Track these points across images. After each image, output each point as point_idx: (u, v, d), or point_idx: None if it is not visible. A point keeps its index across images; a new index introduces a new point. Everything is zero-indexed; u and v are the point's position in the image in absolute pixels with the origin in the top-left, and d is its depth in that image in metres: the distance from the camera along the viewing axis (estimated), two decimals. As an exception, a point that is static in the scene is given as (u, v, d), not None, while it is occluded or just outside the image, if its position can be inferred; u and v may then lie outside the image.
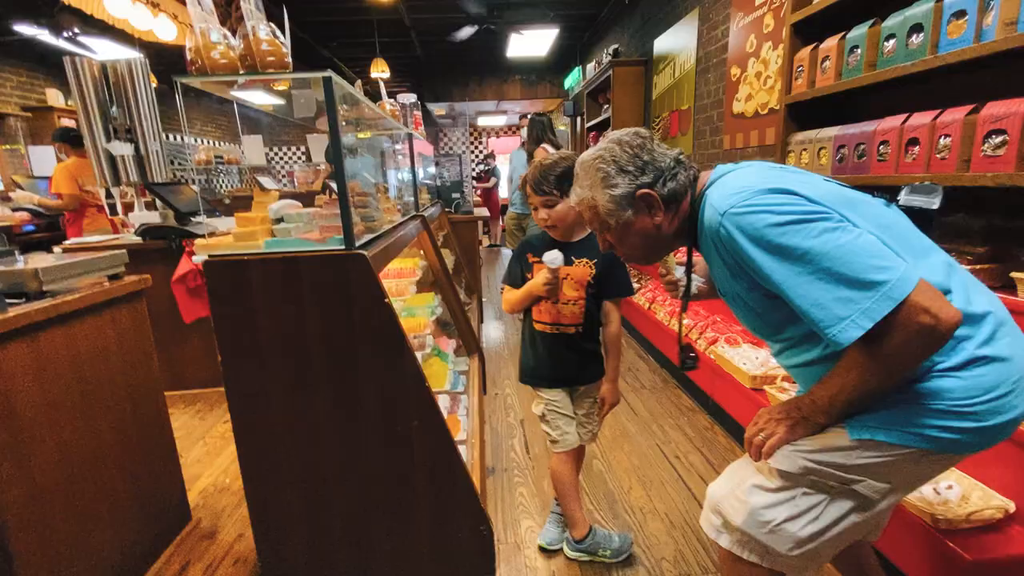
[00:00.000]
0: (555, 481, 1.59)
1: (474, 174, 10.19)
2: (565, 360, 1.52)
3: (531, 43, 6.85)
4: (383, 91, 2.18)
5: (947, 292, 0.80)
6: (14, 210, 3.68)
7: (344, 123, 1.12)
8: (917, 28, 1.62)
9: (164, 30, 2.85)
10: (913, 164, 1.64)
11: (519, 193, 4.38)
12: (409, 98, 2.77)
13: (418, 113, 2.91)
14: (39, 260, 1.47)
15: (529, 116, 4.06)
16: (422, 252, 2.32)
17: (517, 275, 1.52)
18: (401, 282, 1.87)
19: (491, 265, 7.01)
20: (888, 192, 1.08)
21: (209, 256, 1.06)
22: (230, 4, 3.42)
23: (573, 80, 7.85)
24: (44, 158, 4.61)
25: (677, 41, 4.15)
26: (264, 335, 1.15)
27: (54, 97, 5.94)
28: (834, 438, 0.86)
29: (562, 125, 10.06)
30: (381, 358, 1.16)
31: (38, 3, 4.31)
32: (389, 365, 1.17)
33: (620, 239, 1.01)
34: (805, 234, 0.76)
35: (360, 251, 1.08)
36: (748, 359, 2.19)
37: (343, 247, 1.09)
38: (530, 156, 4.11)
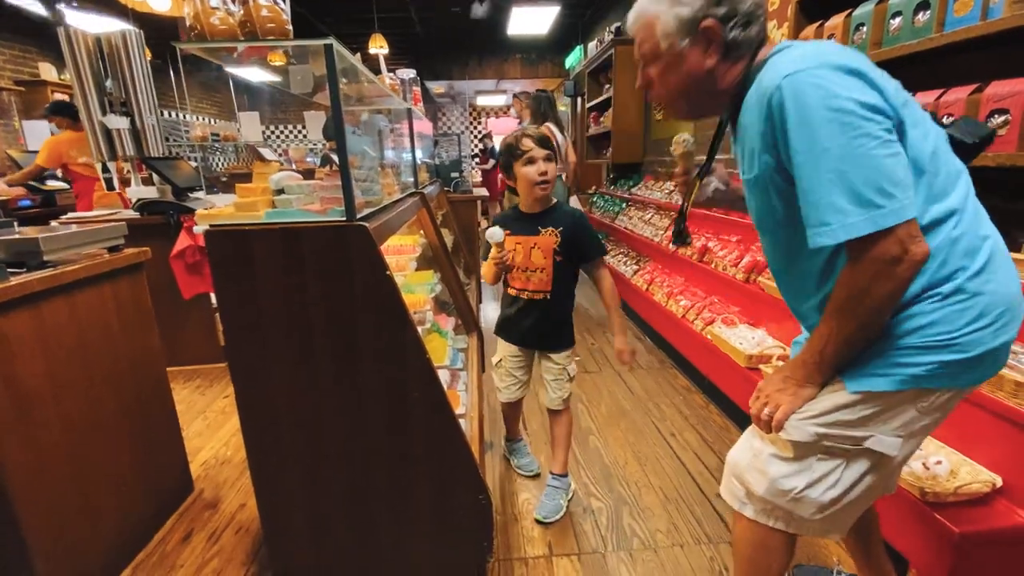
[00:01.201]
0: (503, 415, 1.95)
1: (473, 152, 10.11)
2: (529, 325, 1.67)
3: (532, 20, 6.74)
4: (383, 66, 2.15)
5: (954, 215, 0.82)
6: (10, 185, 3.65)
7: (344, 96, 1.12)
8: (924, 6, 1.60)
9: (159, 1, 2.79)
10: (915, 144, 1.63)
11: None
12: (408, 73, 2.73)
13: (417, 89, 2.88)
14: (39, 231, 1.47)
15: (533, 93, 3.99)
16: (421, 230, 2.32)
17: (487, 250, 1.62)
18: (401, 258, 1.87)
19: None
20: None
21: (210, 226, 1.06)
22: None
23: (574, 60, 7.74)
24: (38, 132, 4.55)
25: (681, 19, 4.08)
26: (266, 306, 1.15)
27: (47, 71, 5.84)
28: (836, 396, 0.87)
29: (562, 106, 9.96)
30: (383, 330, 1.17)
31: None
32: (391, 337, 1.18)
33: (662, 74, 0.94)
34: (847, 129, 0.74)
35: (361, 223, 1.09)
36: (744, 339, 2.22)
37: (344, 219, 1.09)
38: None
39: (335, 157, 1.12)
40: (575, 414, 2.31)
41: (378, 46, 5.15)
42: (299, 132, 10.12)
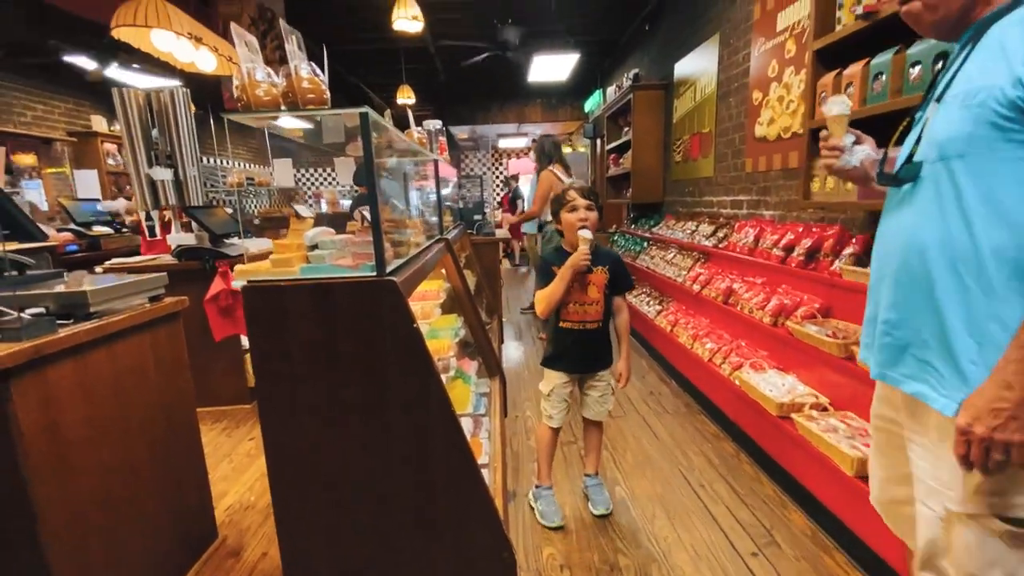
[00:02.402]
0: (538, 442, 2.02)
1: (498, 199, 10.31)
2: (587, 351, 1.89)
3: (552, 67, 6.98)
4: (411, 119, 2.25)
5: None
6: (59, 231, 3.87)
7: (376, 149, 1.17)
8: (943, 56, 1.61)
9: (205, 62, 3.01)
10: (943, 190, 1.61)
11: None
12: (435, 124, 2.85)
13: (443, 139, 2.99)
14: (85, 281, 1.55)
15: (537, 137, 4.16)
16: (446, 274, 2.36)
17: (547, 282, 1.83)
18: (426, 305, 1.91)
19: (512, 286, 7.04)
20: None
21: (248, 282, 1.10)
22: (266, 36, 3.59)
23: (593, 103, 7.95)
24: (88, 181, 4.84)
25: (698, 65, 4.19)
26: (297, 357, 1.18)
27: (98, 123, 6.26)
28: None
29: (582, 147, 10.17)
30: (409, 383, 1.19)
31: (88, 36, 4.59)
32: (416, 390, 1.19)
33: None
34: None
35: (390, 278, 1.12)
36: (774, 385, 2.16)
37: (374, 274, 1.13)
38: (537, 175, 4.21)
39: (367, 213, 1.16)
40: (601, 461, 2.26)
41: (405, 96, 5.40)
42: (330, 175, 10.53)
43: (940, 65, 0.98)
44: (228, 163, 8.51)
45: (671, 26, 4.84)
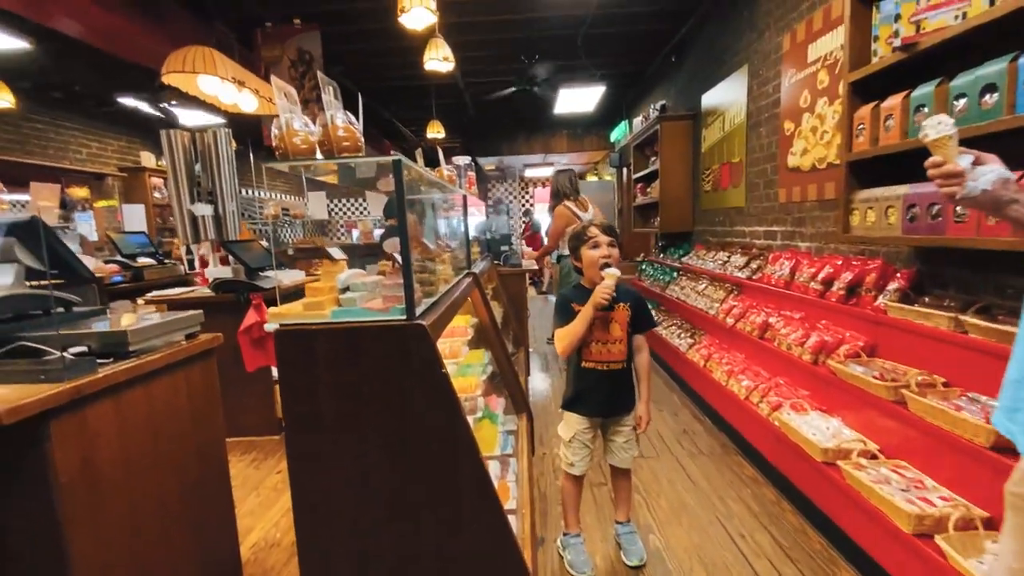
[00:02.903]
0: (564, 494, 1.92)
1: (520, 230, 10.40)
2: (610, 393, 1.81)
3: (578, 99, 7.08)
4: (440, 157, 2.29)
5: None
6: (106, 262, 4.05)
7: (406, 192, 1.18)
8: (990, 88, 1.55)
9: (247, 103, 3.15)
10: (997, 227, 1.53)
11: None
12: (464, 160, 2.89)
13: (472, 173, 3.03)
14: (125, 319, 1.59)
15: (553, 172, 4.21)
16: (473, 308, 2.35)
17: (567, 321, 1.77)
18: (454, 343, 1.90)
19: (539, 314, 6.99)
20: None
21: (280, 325, 1.11)
22: (304, 77, 3.74)
23: (620, 133, 8.00)
24: (135, 215, 5.09)
25: (726, 96, 4.18)
26: (326, 401, 1.18)
27: (147, 159, 6.63)
28: None
29: (608, 175, 10.21)
30: (436, 429, 1.16)
31: (141, 80, 4.90)
32: (444, 436, 1.16)
33: None
34: None
35: (419, 322, 1.11)
36: (818, 429, 2.04)
37: (404, 318, 1.12)
38: (551, 211, 4.22)
39: (398, 256, 1.16)
40: (633, 506, 2.17)
41: (435, 131, 5.55)
42: (362, 206, 10.82)
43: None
44: (265, 194, 8.86)
45: (697, 58, 4.86)
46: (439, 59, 2.85)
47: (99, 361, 1.30)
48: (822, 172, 2.88)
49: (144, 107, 5.64)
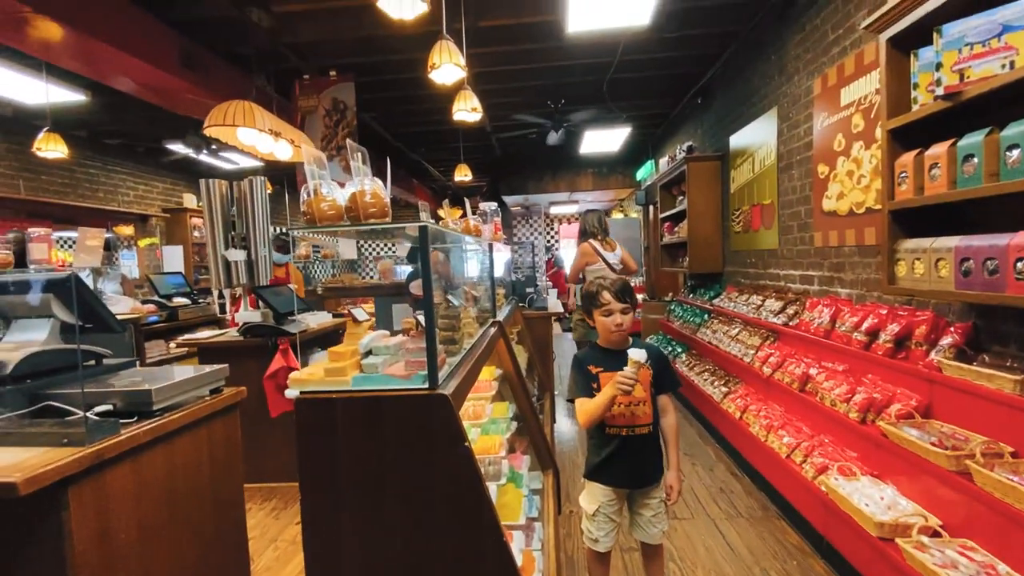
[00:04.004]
0: (589, 570, 1.76)
1: (543, 267, 10.41)
2: (637, 461, 1.66)
3: (604, 140, 7.15)
4: (468, 209, 2.29)
5: None
6: (144, 302, 4.18)
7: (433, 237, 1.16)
8: (1048, 138, 1.46)
9: (282, 152, 3.27)
10: (1066, 287, 1.41)
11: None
12: (490, 206, 2.91)
13: (498, 219, 3.04)
14: (147, 377, 1.59)
15: (582, 211, 4.22)
16: (498, 357, 2.30)
17: (586, 386, 1.64)
18: (478, 403, 1.84)
19: (565, 352, 6.86)
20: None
21: (300, 393, 1.08)
22: (338, 125, 3.86)
23: (646, 172, 8.00)
24: (174, 256, 5.28)
25: (755, 137, 4.14)
26: (345, 471, 1.13)
27: (188, 200, 6.95)
28: None
29: (634, 213, 10.17)
30: (457, 504, 1.10)
31: (186, 127, 5.19)
32: (465, 512, 1.10)
33: None
34: None
35: (442, 392, 1.06)
36: (870, 499, 1.88)
37: (426, 387, 1.08)
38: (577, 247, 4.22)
39: (421, 318, 1.13)
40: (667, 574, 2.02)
41: (463, 174, 5.66)
42: (389, 247, 11.05)
43: None
44: (297, 233, 9.15)
45: (724, 100, 4.85)
46: (467, 110, 2.91)
47: (122, 421, 1.30)
48: (861, 217, 2.77)
49: (187, 151, 5.95)
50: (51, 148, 3.69)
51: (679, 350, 4.74)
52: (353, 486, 1.13)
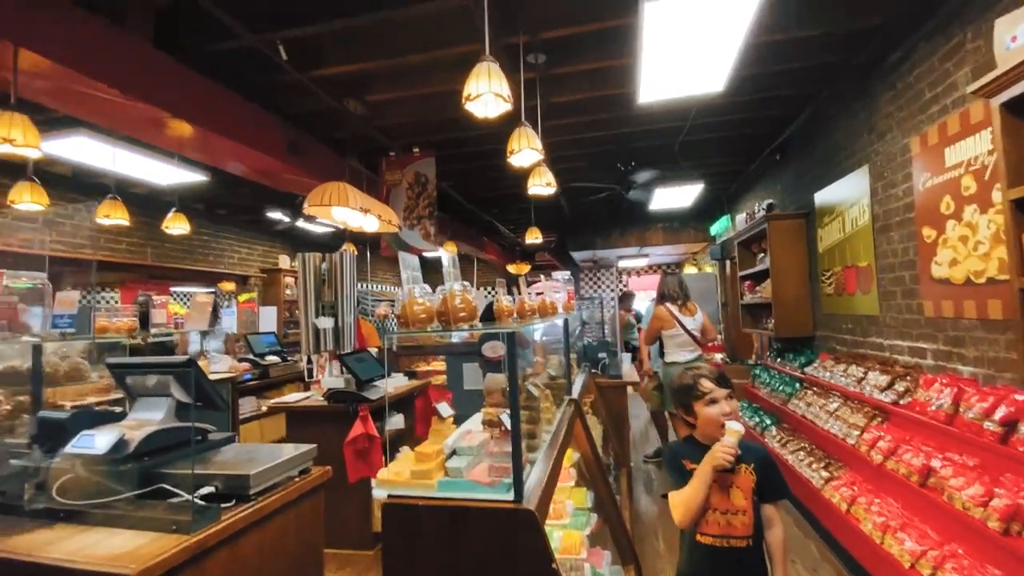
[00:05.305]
0: None
1: (613, 322, 10.16)
2: None
3: (674, 197, 7.05)
4: (544, 287, 2.31)
5: None
6: (240, 360, 4.54)
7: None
8: None
9: (370, 225, 3.53)
10: None
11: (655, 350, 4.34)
12: (563, 275, 2.92)
13: (571, 288, 3.03)
14: (251, 451, 1.68)
15: (662, 273, 4.16)
16: (575, 441, 2.22)
17: (681, 482, 1.50)
18: (558, 501, 1.75)
19: (637, 414, 6.55)
20: None
21: (388, 497, 1.09)
22: (419, 197, 4.10)
23: (720, 227, 7.76)
24: (269, 316, 5.73)
25: (843, 195, 3.90)
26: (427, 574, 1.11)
27: (283, 261, 7.60)
28: None
29: (708, 267, 9.81)
30: (544, 628, 1.03)
31: (283, 201, 5.76)
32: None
33: None
34: None
35: (528, 508, 1.03)
36: (1030, 638, 1.56)
37: (512, 499, 1.05)
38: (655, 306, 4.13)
39: (506, 420, 1.12)
40: None
41: (533, 237, 5.79)
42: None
43: None
44: (378, 287, 9.71)
45: (805, 157, 4.66)
46: (542, 185, 3.00)
47: (222, 506, 1.37)
48: (981, 288, 2.48)
49: (285, 219, 6.58)
50: (177, 225, 4.20)
51: (768, 422, 4.37)
52: (435, 595, 1.10)
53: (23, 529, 1.31)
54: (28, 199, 2.84)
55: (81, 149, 3.73)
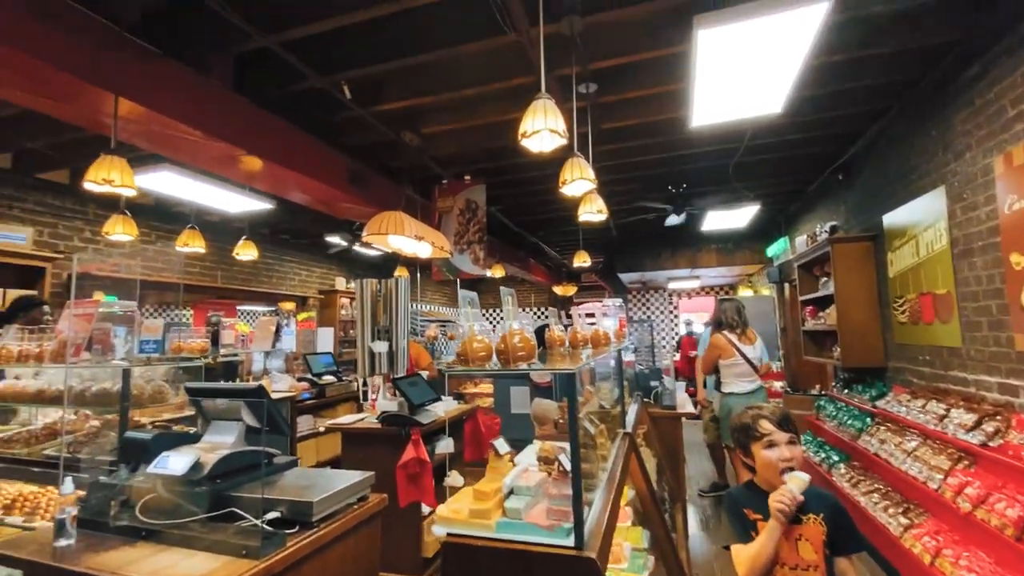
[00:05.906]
0: None
1: (664, 348, 9.90)
2: None
3: (728, 218, 6.84)
4: (597, 316, 2.29)
5: None
6: (299, 379, 4.73)
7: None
8: None
9: (423, 251, 3.63)
10: None
11: (711, 380, 4.19)
12: (616, 302, 2.88)
13: (623, 316, 2.99)
14: (312, 477, 1.74)
15: (718, 301, 4.06)
16: (630, 477, 2.16)
17: (744, 532, 1.40)
18: (615, 544, 1.71)
19: (689, 446, 6.27)
20: None
21: (448, 535, 1.10)
22: (469, 223, 4.18)
23: (778, 249, 7.45)
24: (326, 337, 5.96)
25: (916, 217, 3.67)
26: (483, 616, 1.10)
27: (340, 283, 7.93)
28: None
29: (765, 290, 9.40)
30: None
31: (341, 226, 6.03)
32: None
33: None
34: None
35: (589, 556, 1.01)
36: None
37: (572, 545, 1.03)
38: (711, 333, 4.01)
39: (566, 462, 1.11)
40: None
41: (582, 260, 5.76)
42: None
43: None
44: (427, 307, 9.91)
45: (871, 176, 4.43)
46: (593, 212, 2.99)
47: (286, 532, 1.41)
48: (1085, 322, 2.25)
49: (343, 243, 6.88)
50: (246, 252, 4.48)
51: (835, 458, 4.09)
52: (493, 639, 1.09)
53: (110, 546, 1.40)
54: (120, 231, 3.13)
55: (165, 182, 4.07)
